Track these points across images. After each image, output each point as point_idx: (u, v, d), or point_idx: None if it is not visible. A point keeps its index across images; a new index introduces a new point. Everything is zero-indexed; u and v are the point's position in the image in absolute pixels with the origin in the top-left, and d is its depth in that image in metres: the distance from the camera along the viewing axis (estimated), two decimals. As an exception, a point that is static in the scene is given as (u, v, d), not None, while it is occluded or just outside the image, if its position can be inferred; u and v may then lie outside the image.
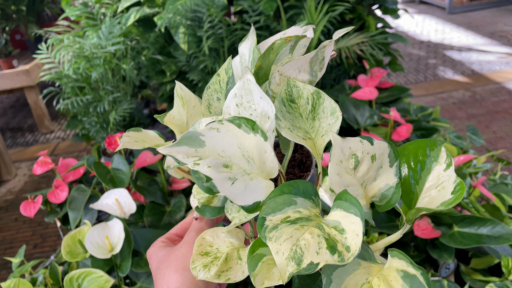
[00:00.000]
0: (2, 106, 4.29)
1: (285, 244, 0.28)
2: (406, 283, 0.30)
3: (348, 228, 0.30)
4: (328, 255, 0.28)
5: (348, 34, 1.65)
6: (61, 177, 1.24)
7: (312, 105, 0.38)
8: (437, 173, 0.36)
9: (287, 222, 0.30)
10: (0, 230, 2.46)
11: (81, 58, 1.57)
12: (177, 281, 0.37)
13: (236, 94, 0.38)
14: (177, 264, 0.38)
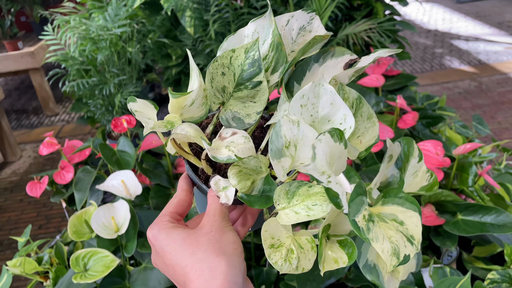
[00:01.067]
0: (7, 88, 4.29)
1: (386, 243, 0.36)
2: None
3: (407, 221, 0.38)
4: (410, 247, 0.37)
5: (355, 20, 1.64)
6: (67, 158, 1.24)
7: (355, 108, 0.42)
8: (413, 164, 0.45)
9: (369, 221, 0.37)
10: (5, 211, 2.49)
11: (87, 40, 1.56)
12: (222, 265, 0.36)
13: (304, 96, 0.40)
14: (215, 249, 0.37)
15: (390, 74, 1.65)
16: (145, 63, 1.84)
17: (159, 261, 0.41)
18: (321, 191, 0.39)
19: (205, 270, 0.36)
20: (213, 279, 0.35)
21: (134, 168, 1.21)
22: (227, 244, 0.38)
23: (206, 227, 0.40)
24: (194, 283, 0.36)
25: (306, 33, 0.45)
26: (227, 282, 0.35)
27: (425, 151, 1.01)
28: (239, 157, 0.40)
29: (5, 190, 2.68)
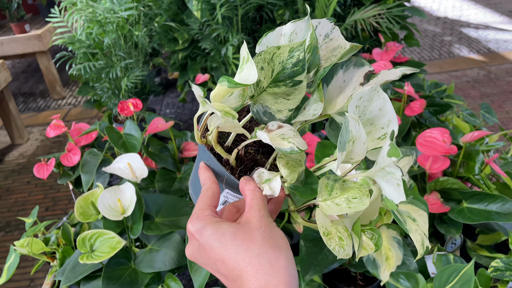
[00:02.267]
0: (14, 71, 4.30)
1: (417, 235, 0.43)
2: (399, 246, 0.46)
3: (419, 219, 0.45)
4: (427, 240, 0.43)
5: (364, 6, 1.62)
6: (73, 140, 1.25)
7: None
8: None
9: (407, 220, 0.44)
10: (13, 192, 2.51)
11: (94, 23, 1.56)
12: (281, 260, 0.37)
13: (361, 98, 0.43)
14: (270, 244, 0.38)
15: (398, 61, 1.64)
16: (152, 47, 1.83)
17: (200, 255, 0.41)
18: (355, 186, 0.43)
19: (265, 264, 0.36)
20: (274, 273, 0.36)
21: (140, 152, 1.21)
22: (279, 239, 0.39)
23: (254, 222, 0.40)
24: (254, 277, 0.36)
25: (328, 41, 0.48)
26: (287, 276, 0.36)
27: (432, 138, 1.00)
28: (301, 149, 0.41)
29: (12, 172, 2.70)
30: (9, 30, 3.53)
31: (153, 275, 0.94)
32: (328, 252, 0.91)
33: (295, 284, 0.36)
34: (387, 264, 0.39)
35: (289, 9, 1.68)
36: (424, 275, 0.96)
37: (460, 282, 0.85)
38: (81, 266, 0.96)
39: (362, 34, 1.80)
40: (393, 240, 0.68)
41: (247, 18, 1.71)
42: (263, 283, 0.36)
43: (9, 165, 2.77)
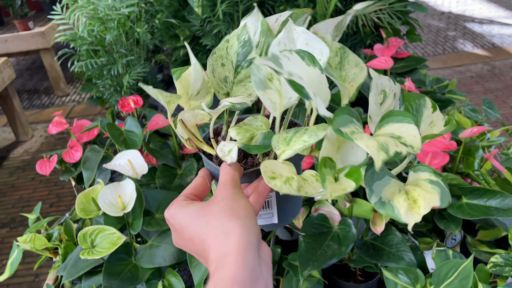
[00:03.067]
0: (19, 68, 4.33)
1: (372, 141, 0.36)
2: (433, 185, 0.39)
3: (404, 134, 0.39)
4: (404, 147, 0.37)
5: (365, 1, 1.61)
6: (75, 137, 1.26)
7: (340, 57, 0.45)
8: (427, 114, 0.47)
9: (358, 132, 0.38)
10: (17, 189, 2.54)
11: (95, 20, 1.56)
12: (235, 228, 0.37)
13: (280, 42, 0.43)
14: (228, 215, 0.38)
15: (400, 57, 1.63)
16: (154, 43, 1.84)
17: (178, 239, 0.43)
18: (313, 128, 0.41)
19: (220, 234, 0.37)
20: (228, 241, 0.36)
21: (141, 148, 1.22)
22: (239, 209, 0.39)
23: (218, 197, 0.42)
24: (212, 249, 0.37)
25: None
26: (242, 242, 0.36)
27: (431, 134, 1.00)
28: (233, 103, 0.43)
29: (17, 168, 2.72)
30: (13, 28, 3.54)
31: (154, 271, 0.95)
32: (326, 247, 0.92)
33: (250, 250, 0.36)
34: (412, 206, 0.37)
35: (290, 5, 1.68)
36: (423, 271, 0.97)
37: (459, 278, 0.85)
38: (82, 262, 0.97)
39: (363, 30, 1.80)
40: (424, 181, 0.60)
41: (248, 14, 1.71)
42: (219, 253, 0.36)
43: (14, 162, 2.80)
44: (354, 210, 0.98)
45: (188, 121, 0.47)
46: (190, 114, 0.46)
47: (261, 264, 0.37)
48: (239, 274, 0.34)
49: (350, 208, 0.99)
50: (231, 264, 0.35)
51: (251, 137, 0.44)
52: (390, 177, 0.41)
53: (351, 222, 0.96)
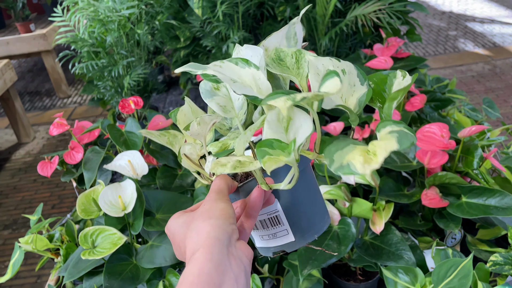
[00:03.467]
0: (21, 70, 4.34)
1: (282, 96, 0.39)
2: (392, 134, 0.38)
3: (329, 87, 0.40)
4: (315, 94, 0.38)
5: (365, 2, 1.62)
6: (76, 138, 1.26)
7: (296, 58, 0.48)
8: (398, 82, 0.48)
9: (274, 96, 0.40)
10: (20, 190, 2.55)
11: (96, 22, 1.57)
12: (206, 227, 0.40)
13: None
14: (203, 217, 0.41)
15: (400, 56, 1.64)
16: (154, 45, 1.85)
17: (174, 249, 0.45)
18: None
19: (194, 235, 0.40)
20: (198, 238, 0.39)
21: (142, 149, 1.22)
22: (215, 210, 0.42)
23: (202, 204, 0.44)
24: (188, 248, 0.40)
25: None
26: (209, 239, 0.38)
27: (431, 133, 1.01)
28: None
29: (19, 170, 2.74)
30: (14, 30, 3.56)
31: (154, 271, 0.96)
32: (326, 247, 0.92)
33: (217, 245, 0.38)
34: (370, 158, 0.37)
35: (290, 5, 1.68)
36: (423, 270, 0.97)
37: (459, 276, 0.85)
38: (83, 262, 0.98)
39: (363, 30, 1.80)
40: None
41: (248, 15, 1.72)
42: (191, 250, 0.39)
43: (16, 164, 2.81)
44: (354, 210, 0.99)
45: (190, 154, 0.49)
46: (189, 147, 0.50)
47: (231, 259, 0.39)
48: (206, 266, 0.36)
49: (350, 208, 0.99)
50: (197, 258, 0.37)
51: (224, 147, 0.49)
52: (354, 145, 0.41)
53: (350, 222, 0.96)
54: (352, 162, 0.37)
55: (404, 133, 0.38)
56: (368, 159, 0.36)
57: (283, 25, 1.74)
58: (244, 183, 0.49)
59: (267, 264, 1.01)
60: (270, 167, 0.39)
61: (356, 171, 0.36)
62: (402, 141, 0.37)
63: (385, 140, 0.38)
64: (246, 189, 0.49)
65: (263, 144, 0.41)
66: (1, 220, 2.31)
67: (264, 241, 0.52)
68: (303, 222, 0.50)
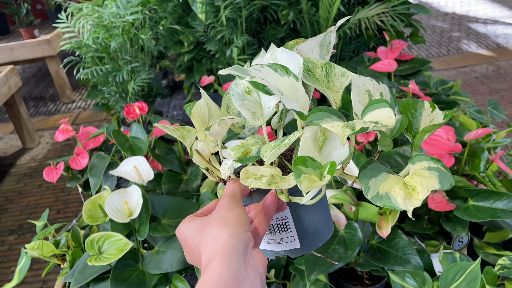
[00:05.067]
0: (25, 75, 4.36)
1: (337, 122, 0.38)
2: (431, 171, 0.38)
3: (380, 118, 0.39)
4: (373, 125, 0.38)
5: (368, 5, 1.61)
6: (81, 144, 1.27)
7: (326, 71, 0.48)
8: (426, 113, 0.49)
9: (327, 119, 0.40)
10: (25, 195, 2.55)
11: (100, 28, 1.58)
12: (223, 234, 0.39)
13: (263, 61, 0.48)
14: (219, 223, 0.41)
15: (404, 59, 1.63)
16: (158, 50, 1.85)
17: (185, 253, 0.45)
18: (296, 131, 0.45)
19: (210, 241, 0.40)
20: (215, 246, 0.39)
21: (147, 154, 1.23)
22: (231, 217, 0.41)
23: (216, 209, 0.44)
24: (203, 255, 0.40)
25: None
26: (226, 247, 0.38)
27: (436, 136, 1.00)
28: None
29: (24, 175, 2.74)
30: (18, 36, 3.58)
31: (161, 276, 0.96)
32: (333, 251, 0.92)
33: (235, 253, 0.38)
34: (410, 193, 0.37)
35: (293, 9, 1.69)
36: (430, 274, 0.96)
37: (467, 281, 0.85)
38: (90, 268, 0.98)
39: (366, 33, 1.80)
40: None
41: (251, 19, 1.72)
42: (207, 257, 0.39)
43: (21, 169, 2.82)
44: (360, 214, 0.98)
45: (202, 151, 0.49)
46: (202, 143, 0.49)
47: (248, 268, 0.38)
48: (223, 275, 0.36)
49: (356, 212, 0.99)
50: (215, 267, 0.37)
51: (246, 152, 0.48)
52: (387, 173, 0.42)
53: (357, 226, 0.95)
54: (392, 194, 0.37)
55: (443, 173, 0.38)
56: (408, 195, 0.37)
57: (286, 28, 1.75)
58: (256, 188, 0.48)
59: (274, 269, 1.01)
60: (306, 188, 0.39)
61: (398, 206, 0.37)
62: (443, 181, 0.38)
63: (424, 177, 0.38)
64: (260, 193, 0.49)
65: (298, 161, 0.41)
66: (6, 226, 2.31)
67: (269, 245, 0.52)
68: (310, 230, 0.50)
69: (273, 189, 0.46)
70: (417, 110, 0.49)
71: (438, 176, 0.37)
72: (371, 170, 0.42)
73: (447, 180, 0.38)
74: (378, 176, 0.40)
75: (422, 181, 0.37)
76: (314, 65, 0.48)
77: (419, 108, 0.49)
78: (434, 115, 0.49)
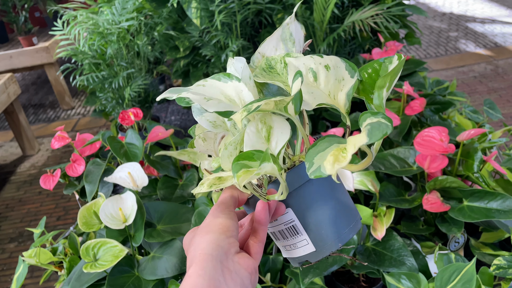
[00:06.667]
0: (24, 83, 4.38)
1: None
2: (368, 126, 0.35)
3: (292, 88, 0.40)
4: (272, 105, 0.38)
5: (362, 7, 1.62)
6: (78, 151, 1.27)
7: (285, 63, 0.47)
8: (391, 68, 0.43)
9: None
10: (25, 203, 2.56)
11: (96, 34, 1.58)
12: (201, 243, 0.41)
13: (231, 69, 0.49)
14: (202, 232, 0.42)
15: (399, 60, 1.63)
16: (154, 55, 1.86)
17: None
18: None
19: (192, 250, 0.41)
20: (194, 254, 0.40)
21: (142, 160, 1.23)
22: (213, 225, 0.43)
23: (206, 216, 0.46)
24: (187, 263, 0.41)
25: None
26: (202, 255, 0.39)
27: (430, 137, 1.00)
28: None
29: (24, 183, 2.75)
30: (17, 44, 3.59)
31: (157, 282, 0.96)
32: (328, 254, 0.92)
33: (209, 261, 0.39)
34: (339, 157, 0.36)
35: (288, 13, 1.69)
36: (426, 275, 0.96)
37: (462, 281, 0.85)
38: (86, 275, 0.98)
39: (361, 35, 1.80)
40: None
41: (246, 23, 1.72)
42: (187, 267, 0.40)
43: (21, 176, 2.82)
44: (355, 216, 0.98)
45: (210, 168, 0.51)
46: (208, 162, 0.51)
47: (226, 274, 0.39)
48: (198, 282, 0.37)
49: (351, 214, 0.99)
50: (190, 275, 0.38)
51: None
52: (339, 143, 0.39)
53: (351, 228, 0.95)
54: (323, 163, 0.35)
55: (377, 125, 0.35)
56: (338, 158, 0.35)
57: (281, 32, 1.75)
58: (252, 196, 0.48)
59: (269, 273, 1.01)
60: (243, 181, 0.39)
61: (325, 172, 0.34)
62: (373, 133, 0.34)
63: (357, 136, 0.35)
64: (255, 200, 0.47)
65: (242, 157, 0.41)
66: (7, 233, 2.32)
67: (288, 252, 0.50)
68: (323, 230, 0.46)
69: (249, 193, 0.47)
70: (381, 69, 0.44)
71: (368, 129, 0.34)
72: (320, 146, 0.39)
73: (378, 131, 0.34)
74: (327, 149, 0.38)
75: (351, 140, 0.35)
76: (276, 61, 0.47)
77: (384, 66, 0.44)
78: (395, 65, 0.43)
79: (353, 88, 0.43)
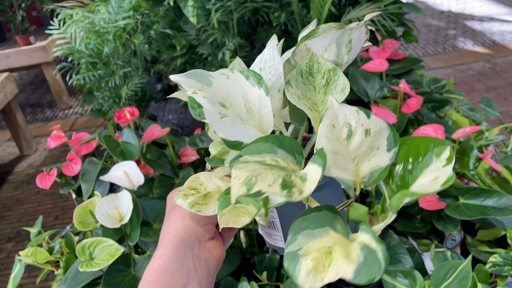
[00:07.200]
0: (22, 82, 4.37)
1: (245, 172, 0.29)
2: (362, 254, 0.28)
3: (310, 177, 0.30)
4: (278, 189, 0.28)
5: (359, 5, 1.62)
6: (74, 150, 1.27)
7: (327, 80, 0.39)
8: (435, 166, 0.34)
9: (259, 164, 0.30)
10: (23, 202, 2.56)
11: (92, 33, 1.58)
12: (178, 224, 0.42)
13: (262, 59, 0.42)
14: (181, 211, 0.43)
15: (396, 58, 1.63)
16: (151, 54, 1.85)
17: None
18: None
19: (166, 226, 0.43)
20: (168, 233, 0.42)
21: (139, 159, 1.23)
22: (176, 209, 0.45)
23: None
24: (161, 235, 0.43)
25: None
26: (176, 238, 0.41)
27: (426, 135, 1.00)
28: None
29: (22, 182, 2.75)
30: (14, 43, 3.59)
31: (153, 281, 0.96)
32: None
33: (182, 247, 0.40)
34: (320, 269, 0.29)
35: (285, 11, 1.69)
36: (422, 273, 0.96)
37: (458, 279, 0.85)
38: (82, 274, 0.98)
39: (359, 33, 1.80)
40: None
41: (243, 22, 1.72)
42: (160, 242, 0.42)
43: (19, 176, 2.82)
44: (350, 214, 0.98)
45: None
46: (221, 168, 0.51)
47: (196, 261, 0.40)
48: (169, 266, 0.38)
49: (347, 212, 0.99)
50: (162, 255, 0.39)
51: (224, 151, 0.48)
52: (332, 230, 0.32)
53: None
54: (302, 261, 0.29)
55: (371, 261, 0.27)
56: (317, 270, 0.28)
57: (278, 30, 1.75)
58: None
59: (266, 271, 1.01)
60: (225, 222, 0.36)
61: (297, 281, 0.28)
62: (361, 272, 0.27)
63: (347, 257, 0.29)
64: None
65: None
66: (4, 233, 2.31)
67: (267, 237, 0.53)
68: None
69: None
70: (424, 157, 0.35)
71: (359, 263, 0.27)
72: (311, 220, 0.32)
73: (367, 273, 0.27)
74: (316, 229, 0.31)
75: (339, 260, 0.28)
76: (320, 68, 0.39)
77: (429, 156, 0.35)
78: (442, 174, 0.33)
79: (380, 174, 0.35)
